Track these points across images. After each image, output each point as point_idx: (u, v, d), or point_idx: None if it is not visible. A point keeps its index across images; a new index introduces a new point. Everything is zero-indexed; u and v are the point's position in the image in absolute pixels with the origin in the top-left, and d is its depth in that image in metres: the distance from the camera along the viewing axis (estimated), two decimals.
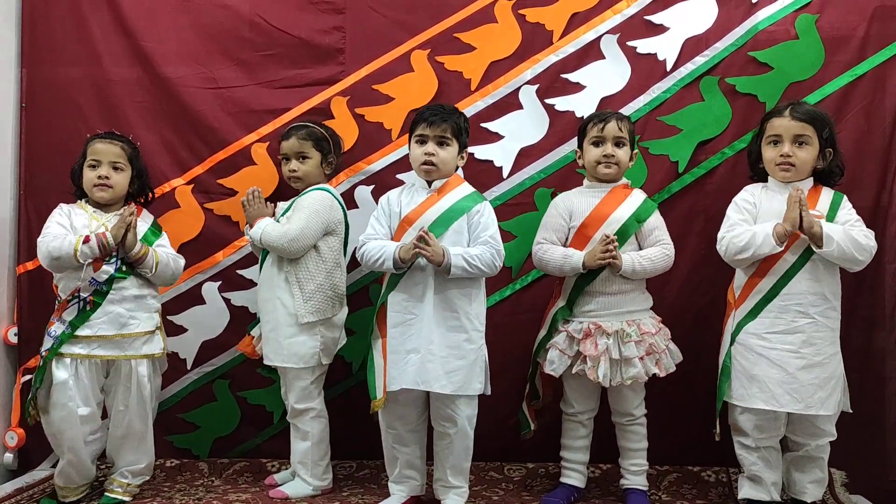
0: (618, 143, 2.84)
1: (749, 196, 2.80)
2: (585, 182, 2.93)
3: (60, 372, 2.78)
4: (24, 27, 3.32)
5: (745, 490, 2.77)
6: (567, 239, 2.88)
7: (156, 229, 2.98)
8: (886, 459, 3.03)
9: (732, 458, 2.82)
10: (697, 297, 3.00)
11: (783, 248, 2.63)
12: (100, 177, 2.87)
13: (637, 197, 2.87)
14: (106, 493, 2.89)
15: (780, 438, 2.76)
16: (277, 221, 2.97)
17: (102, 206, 2.92)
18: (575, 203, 2.88)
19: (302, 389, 2.94)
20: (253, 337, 3.07)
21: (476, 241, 2.71)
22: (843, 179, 2.83)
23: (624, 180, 2.90)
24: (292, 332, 2.91)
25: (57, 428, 2.80)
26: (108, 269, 2.79)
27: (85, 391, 2.80)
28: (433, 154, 2.72)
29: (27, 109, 3.31)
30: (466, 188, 2.79)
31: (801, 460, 2.77)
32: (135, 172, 2.95)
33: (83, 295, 2.80)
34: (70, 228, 2.84)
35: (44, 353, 2.81)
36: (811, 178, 2.76)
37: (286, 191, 3.16)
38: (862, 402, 3.00)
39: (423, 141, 2.75)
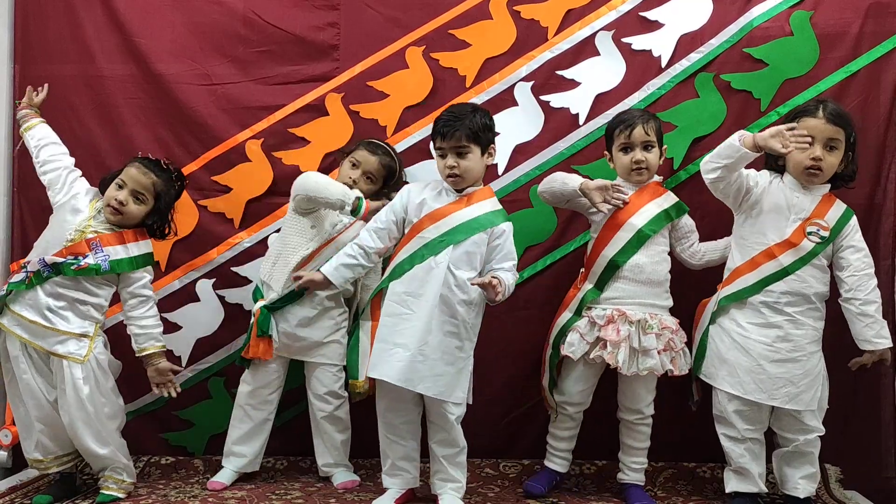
0: (646, 147, 2.86)
1: (760, 176, 2.80)
2: (619, 179, 2.93)
3: (13, 348, 2.81)
4: (17, 23, 3.31)
5: (733, 484, 2.79)
6: (572, 207, 2.95)
7: (143, 260, 2.88)
8: (881, 456, 3.05)
9: None
10: (692, 296, 2.99)
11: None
12: (116, 199, 2.83)
13: (670, 197, 2.91)
14: (102, 491, 2.88)
15: (764, 430, 2.77)
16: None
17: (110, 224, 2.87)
18: None
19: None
20: (272, 338, 2.97)
21: (498, 262, 2.71)
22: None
23: (656, 178, 2.93)
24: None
25: (20, 399, 2.84)
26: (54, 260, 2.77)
27: (38, 364, 2.81)
28: (455, 166, 2.70)
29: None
30: (494, 203, 2.77)
31: (791, 456, 2.78)
32: (155, 207, 2.89)
33: (28, 268, 2.80)
34: (64, 185, 2.89)
35: None
36: (829, 185, 2.77)
37: (281, 188, 3.16)
38: (857, 399, 3.04)
39: (443, 154, 2.73)
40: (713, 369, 2.77)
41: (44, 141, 2.96)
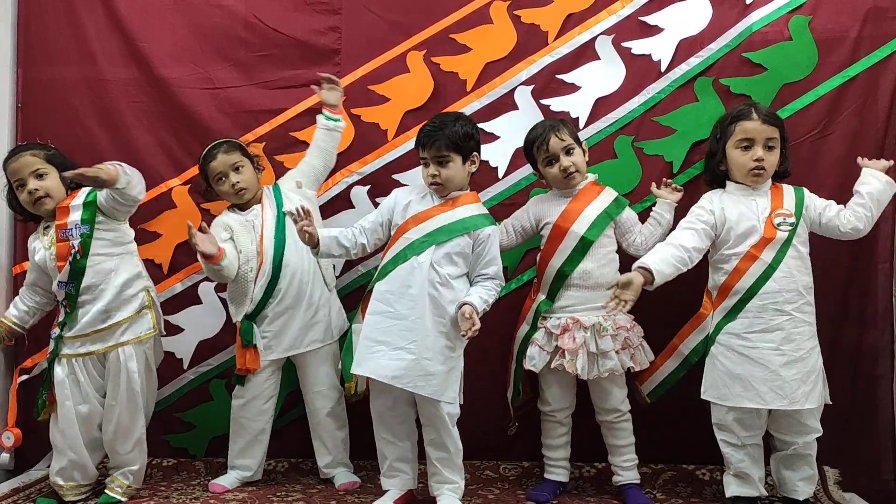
0: (568, 151, 2.87)
1: (707, 203, 2.82)
2: (554, 189, 2.96)
3: (59, 371, 2.84)
4: (20, 27, 3.33)
5: (733, 488, 2.79)
6: (524, 235, 2.99)
7: (92, 195, 2.85)
8: (879, 457, 3.06)
9: None
10: (687, 298, 2.99)
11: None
12: (30, 192, 2.84)
13: (609, 194, 2.92)
14: (105, 492, 2.90)
15: (762, 434, 2.78)
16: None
17: (52, 217, 2.89)
18: (547, 208, 2.94)
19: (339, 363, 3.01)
20: (257, 347, 3.00)
21: (484, 268, 2.75)
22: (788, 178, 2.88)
23: (591, 177, 2.94)
24: (332, 305, 3.05)
25: (60, 426, 2.85)
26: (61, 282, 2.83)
27: (84, 389, 2.85)
28: (437, 175, 2.73)
29: (23, 110, 3.31)
30: (480, 207, 2.81)
31: (790, 459, 2.79)
32: (61, 170, 2.88)
33: (59, 301, 2.86)
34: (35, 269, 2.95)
35: (48, 356, 2.89)
36: (770, 181, 2.82)
37: None
38: (855, 400, 3.05)
39: (426, 163, 2.76)
40: (725, 389, 2.73)
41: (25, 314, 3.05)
